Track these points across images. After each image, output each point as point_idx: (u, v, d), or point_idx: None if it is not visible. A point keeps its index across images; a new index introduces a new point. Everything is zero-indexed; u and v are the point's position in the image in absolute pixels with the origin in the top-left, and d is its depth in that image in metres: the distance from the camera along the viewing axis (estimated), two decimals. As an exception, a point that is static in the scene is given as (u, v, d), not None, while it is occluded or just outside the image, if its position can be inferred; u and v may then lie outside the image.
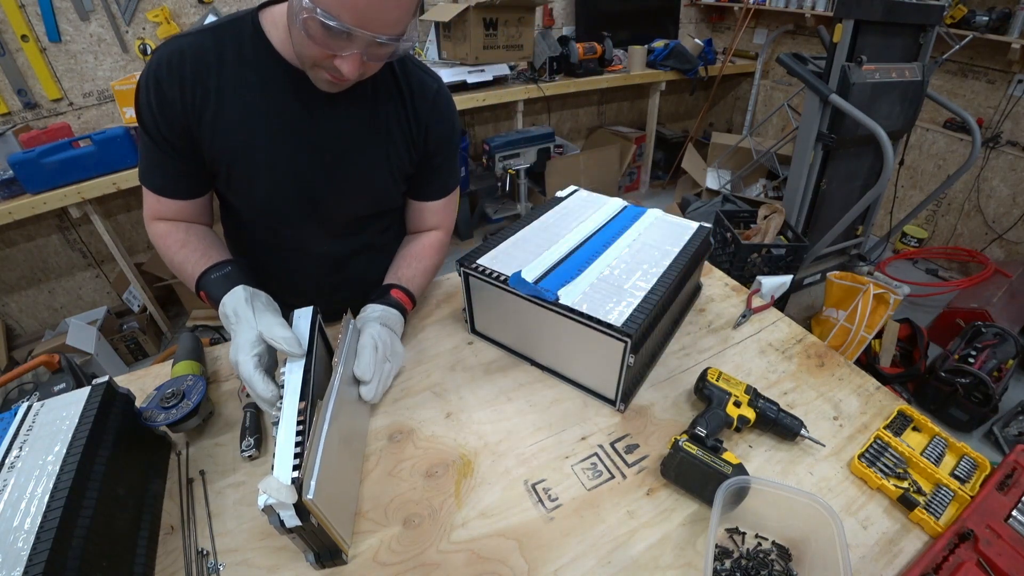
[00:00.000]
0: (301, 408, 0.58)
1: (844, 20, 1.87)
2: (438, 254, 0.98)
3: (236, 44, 0.74)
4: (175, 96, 0.72)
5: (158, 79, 0.72)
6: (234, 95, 0.74)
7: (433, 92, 0.86)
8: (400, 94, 0.83)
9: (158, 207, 0.83)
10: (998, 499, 0.61)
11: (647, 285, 0.76)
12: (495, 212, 3.21)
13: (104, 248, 2.24)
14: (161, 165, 0.79)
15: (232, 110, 0.75)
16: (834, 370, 0.85)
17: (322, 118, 0.79)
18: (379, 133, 0.83)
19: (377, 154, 0.85)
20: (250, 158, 0.78)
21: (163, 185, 0.81)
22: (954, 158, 2.76)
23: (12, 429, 0.59)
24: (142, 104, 0.74)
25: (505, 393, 0.81)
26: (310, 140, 0.80)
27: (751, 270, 2.04)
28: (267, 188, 0.82)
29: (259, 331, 0.68)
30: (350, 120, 0.81)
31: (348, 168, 0.84)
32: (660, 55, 3.20)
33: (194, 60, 0.72)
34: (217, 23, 0.76)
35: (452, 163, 0.95)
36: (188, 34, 0.74)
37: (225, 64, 0.73)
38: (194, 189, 0.83)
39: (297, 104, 0.77)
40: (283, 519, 0.49)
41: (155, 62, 0.72)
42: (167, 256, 0.84)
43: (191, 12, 2.33)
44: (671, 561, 0.59)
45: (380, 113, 0.82)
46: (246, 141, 0.77)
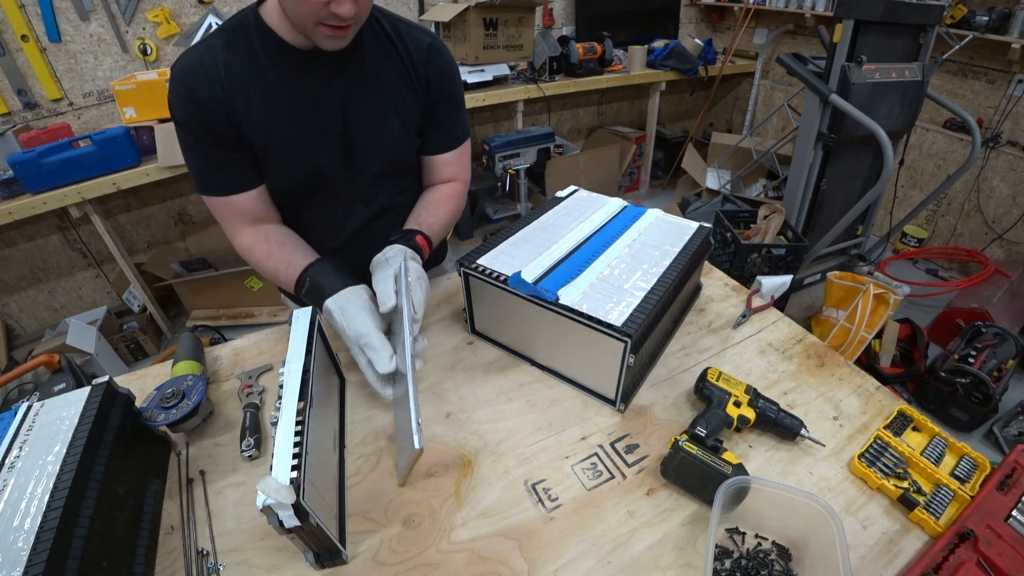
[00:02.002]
0: (300, 408, 0.58)
1: (844, 20, 1.87)
2: (455, 203, 1.00)
3: (245, 40, 0.79)
4: (208, 96, 0.77)
5: (188, 86, 0.77)
6: (255, 85, 0.79)
7: (427, 44, 0.89)
8: (396, 51, 0.87)
9: (233, 213, 0.86)
10: (998, 499, 0.61)
11: (647, 285, 0.76)
12: (495, 212, 3.21)
13: (104, 248, 2.25)
14: (221, 163, 0.83)
15: (256, 99, 0.79)
16: (834, 370, 0.85)
17: (332, 90, 0.83)
18: (384, 92, 0.87)
19: (387, 112, 0.88)
20: (279, 140, 0.83)
21: (228, 182, 0.84)
22: (954, 158, 2.76)
23: (12, 429, 0.59)
24: (183, 115, 0.79)
25: (505, 393, 0.81)
26: (324, 114, 0.84)
27: (751, 270, 2.04)
28: (297, 164, 0.86)
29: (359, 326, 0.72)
30: (357, 85, 0.85)
31: (363, 132, 0.87)
32: (660, 55, 3.20)
33: (212, 63, 0.77)
34: (222, 27, 0.81)
35: (457, 113, 0.97)
36: (198, 44, 0.80)
37: (240, 59, 0.78)
38: (255, 177, 0.86)
39: (308, 82, 0.82)
40: (282, 519, 0.49)
41: (179, 75, 0.78)
42: (258, 269, 0.89)
43: (191, 12, 2.33)
44: (671, 561, 0.59)
45: (382, 73, 0.86)
46: (273, 125, 0.81)
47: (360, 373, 0.84)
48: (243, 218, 0.87)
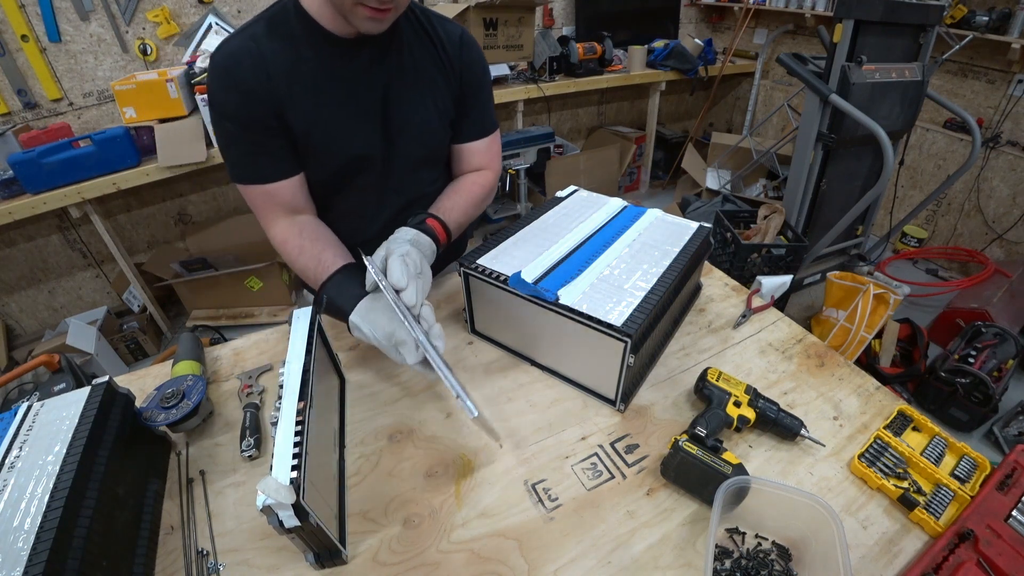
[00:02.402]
0: (300, 408, 0.58)
1: (844, 20, 1.87)
2: (481, 191, 1.00)
3: (286, 28, 0.79)
4: (251, 81, 0.77)
5: (231, 73, 0.77)
6: (297, 73, 0.80)
7: (459, 35, 0.92)
8: (431, 41, 0.89)
9: (269, 203, 0.86)
10: (998, 499, 0.61)
11: (647, 285, 0.76)
12: (495, 212, 3.20)
13: (104, 248, 2.25)
14: (262, 151, 0.83)
15: (299, 86, 0.80)
16: (834, 370, 0.85)
17: (374, 78, 0.85)
18: (422, 81, 0.89)
19: (424, 102, 0.90)
20: (322, 126, 0.83)
21: (267, 171, 0.84)
22: (954, 158, 2.76)
23: (12, 429, 0.59)
24: (224, 102, 0.78)
25: (505, 393, 0.81)
26: (365, 102, 0.85)
27: (751, 270, 2.04)
28: (337, 154, 0.87)
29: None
30: (397, 74, 0.86)
31: (402, 121, 0.89)
32: (660, 55, 3.20)
33: (257, 51, 0.77)
34: (262, 15, 0.81)
35: (487, 104, 1.00)
36: (239, 32, 0.80)
37: (283, 47, 0.79)
38: (295, 165, 0.87)
39: (350, 69, 0.83)
40: (282, 519, 0.49)
41: (221, 62, 0.77)
42: (289, 263, 0.89)
43: (191, 12, 2.33)
44: (671, 561, 0.59)
45: (419, 63, 0.88)
46: (316, 112, 0.82)
47: (360, 373, 0.85)
48: (280, 208, 0.87)
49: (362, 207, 0.97)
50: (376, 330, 0.70)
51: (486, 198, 1.02)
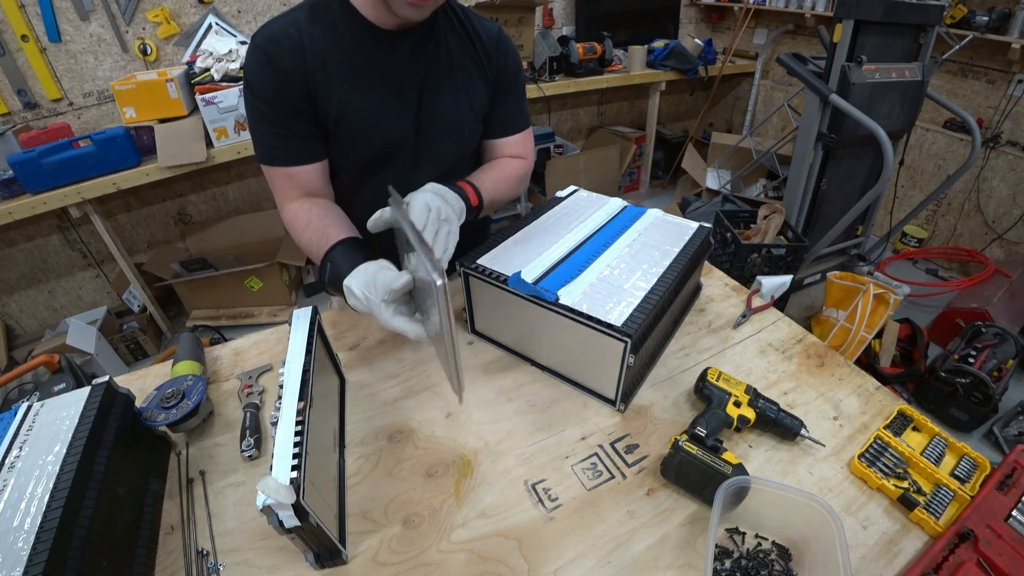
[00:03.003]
0: (300, 408, 0.58)
1: (844, 20, 1.87)
2: (516, 170, 1.00)
3: (328, 14, 0.81)
4: (289, 67, 0.78)
5: (270, 56, 0.78)
6: (337, 61, 0.81)
7: (496, 32, 0.94)
8: (469, 37, 0.91)
9: (289, 185, 0.87)
10: (998, 499, 0.61)
11: (647, 285, 0.76)
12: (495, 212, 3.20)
13: (104, 248, 2.24)
14: (290, 135, 0.83)
15: (336, 75, 0.81)
16: (834, 370, 0.85)
17: (412, 69, 0.86)
18: (458, 76, 0.90)
19: (459, 96, 0.91)
20: (355, 116, 0.84)
21: (293, 154, 0.85)
22: (954, 158, 2.76)
23: (12, 429, 0.59)
24: (257, 83, 0.80)
25: (505, 393, 0.81)
26: (402, 93, 0.86)
27: (751, 270, 2.04)
28: (368, 142, 0.88)
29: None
30: (434, 67, 0.88)
31: (436, 113, 0.90)
32: (660, 55, 3.20)
33: (297, 34, 0.79)
34: (303, 3, 0.82)
35: (521, 100, 1.01)
36: (283, 16, 0.81)
37: (324, 34, 0.80)
38: (320, 151, 0.88)
39: (389, 60, 0.84)
40: (282, 519, 0.49)
41: (261, 43, 0.78)
42: (297, 240, 0.88)
43: (191, 12, 2.33)
44: (671, 561, 0.59)
45: (456, 58, 0.89)
46: (351, 100, 0.83)
47: (360, 373, 0.85)
48: (298, 190, 0.88)
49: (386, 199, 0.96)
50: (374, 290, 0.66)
51: (520, 180, 1.01)
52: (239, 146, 2.14)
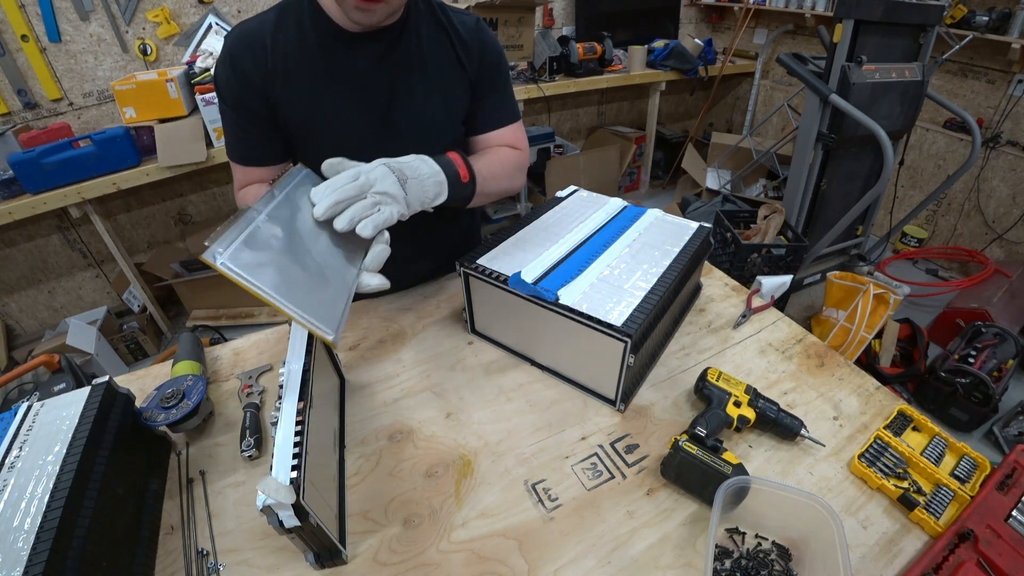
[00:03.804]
0: (300, 408, 0.58)
1: (844, 20, 1.87)
2: (511, 156, 0.94)
3: (297, 16, 0.80)
4: (250, 68, 0.79)
5: (232, 56, 0.79)
6: (301, 64, 0.80)
7: (473, 23, 0.90)
8: (445, 32, 0.88)
9: (244, 178, 0.91)
10: (998, 499, 0.61)
11: (647, 285, 0.76)
12: (495, 212, 3.21)
13: (104, 248, 2.25)
14: (244, 136, 0.86)
15: (300, 76, 0.81)
16: (834, 370, 0.85)
17: (381, 73, 0.84)
18: (432, 77, 0.87)
19: (433, 98, 0.88)
20: (319, 120, 0.84)
21: (246, 154, 0.88)
22: (954, 158, 2.76)
23: (12, 429, 0.59)
24: (221, 81, 0.82)
25: (505, 393, 0.81)
26: (368, 97, 0.85)
27: (751, 270, 2.04)
28: (335, 148, 0.85)
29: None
30: (406, 68, 0.85)
31: (407, 117, 0.88)
32: (660, 55, 3.20)
33: (261, 37, 0.79)
34: (282, 3, 0.82)
35: (506, 92, 0.97)
36: (255, 16, 0.82)
37: (289, 35, 0.80)
38: (276, 155, 0.89)
39: (356, 64, 0.82)
40: (282, 519, 0.49)
41: (228, 44, 0.80)
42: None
43: (191, 12, 2.33)
44: (671, 561, 0.59)
45: (430, 57, 0.87)
46: (314, 104, 0.83)
47: (360, 373, 0.85)
48: (255, 185, 0.90)
49: None
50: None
51: (516, 168, 0.95)
52: (239, 146, 2.13)
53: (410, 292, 1.04)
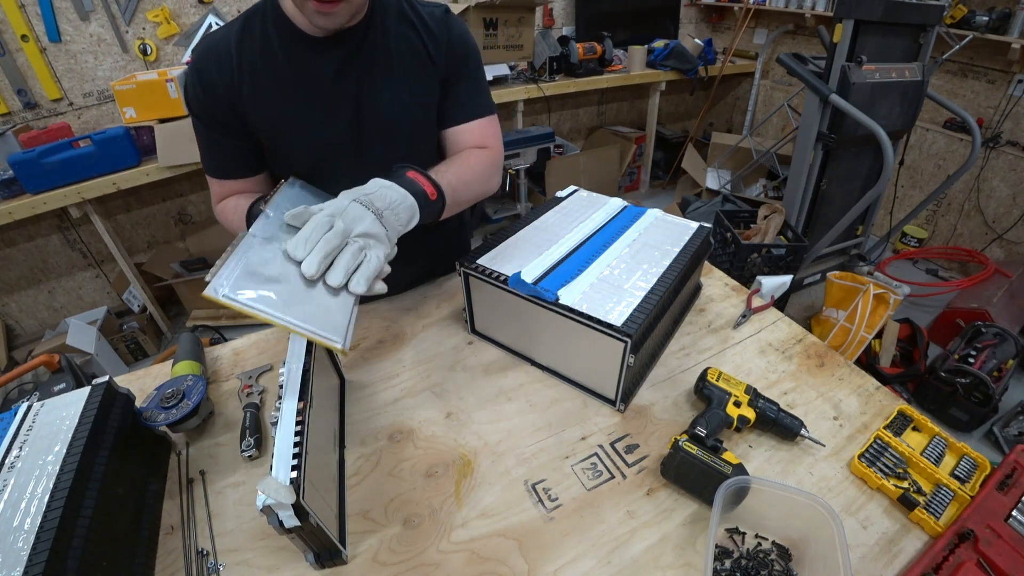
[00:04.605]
0: (300, 408, 0.58)
1: (844, 20, 1.87)
2: (480, 161, 0.89)
3: (262, 25, 0.80)
4: (215, 79, 0.79)
5: (198, 69, 0.79)
6: (266, 72, 0.80)
7: (441, 14, 0.88)
8: (412, 25, 0.86)
9: (220, 192, 0.90)
10: (998, 499, 0.61)
11: (647, 285, 0.76)
12: (495, 212, 3.20)
13: (104, 248, 2.25)
14: (216, 148, 0.86)
15: (266, 85, 0.80)
16: (834, 370, 0.85)
17: (346, 77, 0.83)
18: (399, 74, 0.85)
19: (403, 96, 0.87)
20: (288, 129, 0.83)
21: (220, 166, 0.88)
22: (954, 158, 2.76)
23: (12, 429, 0.59)
24: (190, 95, 0.81)
25: (505, 393, 0.81)
26: (339, 100, 0.84)
27: (751, 270, 2.04)
28: (307, 156, 0.87)
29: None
30: (373, 69, 0.84)
31: (377, 118, 0.86)
32: (660, 55, 3.20)
33: (226, 47, 0.79)
34: (244, 13, 0.82)
35: (477, 83, 0.93)
36: (219, 29, 0.82)
37: (254, 45, 0.79)
38: (250, 166, 0.89)
39: (320, 69, 0.81)
40: (282, 519, 0.49)
41: (194, 57, 0.81)
42: (228, 225, 0.89)
43: (191, 12, 2.33)
44: (671, 561, 0.59)
45: (396, 55, 0.85)
46: (281, 113, 0.82)
47: (360, 373, 0.85)
48: (230, 195, 0.90)
49: None
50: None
51: (487, 171, 0.90)
52: (239, 146, 2.14)
53: (410, 292, 1.04)
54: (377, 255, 0.61)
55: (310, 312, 0.56)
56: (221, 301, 0.52)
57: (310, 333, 0.55)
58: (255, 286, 0.55)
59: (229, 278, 0.54)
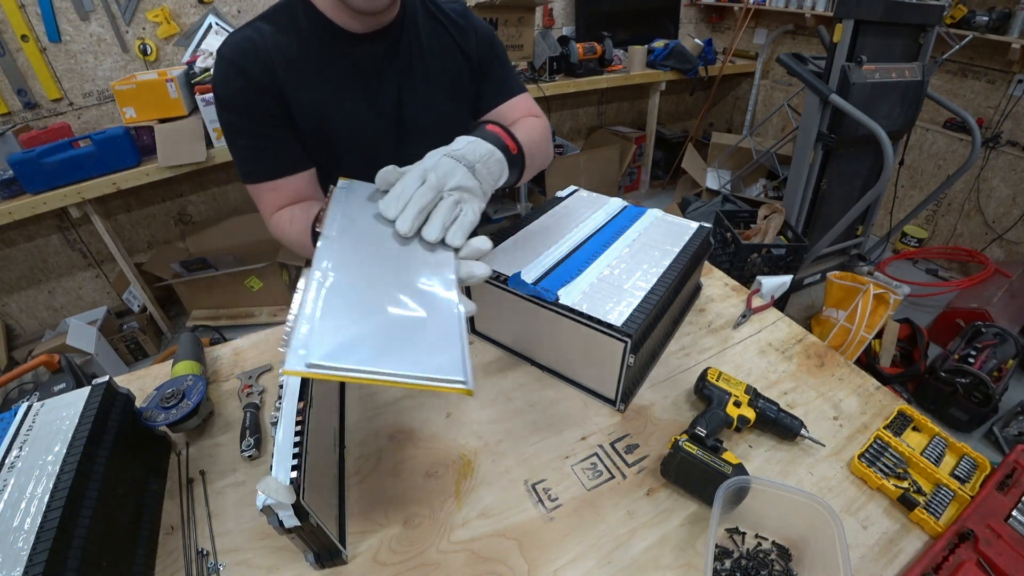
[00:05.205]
0: (300, 408, 0.58)
1: (844, 20, 1.87)
2: (539, 127, 0.89)
3: (293, 23, 0.78)
4: (254, 71, 0.75)
5: (234, 63, 0.75)
6: (307, 69, 0.78)
7: (461, 8, 0.91)
8: (440, 23, 0.88)
9: (274, 197, 0.82)
10: (998, 499, 0.61)
11: (647, 285, 0.76)
12: (495, 212, 3.20)
13: (104, 248, 2.24)
14: (264, 145, 0.80)
15: (309, 82, 0.78)
16: (834, 370, 0.85)
17: (389, 72, 0.83)
18: (435, 70, 0.87)
19: (441, 91, 0.88)
20: (334, 125, 0.82)
21: (274, 165, 0.81)
22: (954, 158, 2.76)
23: (12, 429, 0.59)
24: (229, 92, 0.76)
25: (505, 393, 0.81)
26: (383, 96, 0.84)
27: (751, 270, 2.04)
28: (351, 155, 0.85)
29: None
30: (412, 65, 0.85)
31: (417, 113, 0.87)
32: (660, 55, 3.20)
33: (262, 43, 0.75)
34: (266, 12, 0.79)
35: (508, 65, 0.97)
36: (245, 26, 0.77)
37: (290, 42, 0.77)
38: (302, 158, 0.83)
39: (364, 65, 0.81)
40: (282, 519, 0.49)
41: (227, 54, 0.75)
42: (286, 240, 0.83)
43: (191, 12, 2.33)
44: (671, 561, 0.59)
45: (429, 51, 0.86)
46: (328, 110, 0.81)
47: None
48: (285, 201, 0.83)
49: None
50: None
51: (546, 136, 0.88)
52: (239, 146, 2.13)
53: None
54: (473, 208, 0.57)
55: (416, 351, 0.45)
56: (307, 374, 0.41)
57: (426, 381, 0.43)
58: (340, 340, 0.43)
59: (308, 342, 0.42)
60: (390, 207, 0.55)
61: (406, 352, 0.44)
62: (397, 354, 0.44)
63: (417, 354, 0.44)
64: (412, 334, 0.46)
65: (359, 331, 0.45)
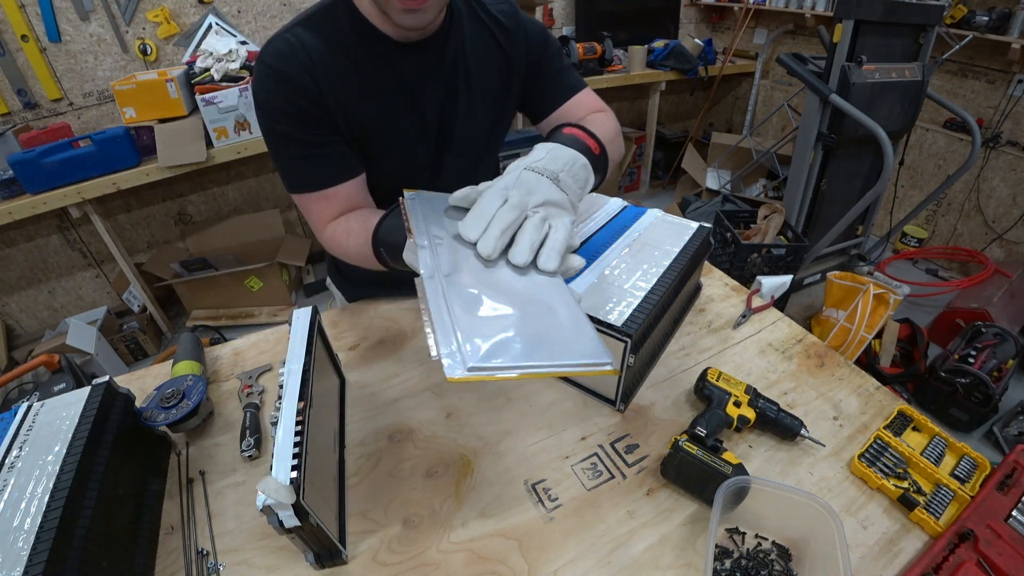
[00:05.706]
0: (300, 408, 0.58)
1: (844, 20, 1.87)
2: (609, 123, 0.86)
3: (334, 28, 0.73)
4: (304, 80, 0.71)
5: (279, 70, 0.70)
6: (351, 77, 0.74)
7: (512, 10, 0.87)
8: (485, 26, 0.84)
9: (326, 206, 0.78)
10: (998, 499, 0.61)
11: (647, 285, 0.76)
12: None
13: (104, 248, 2.25)
14: (315, 154, 0.75)
15: (353, 90, 0.74)
16: (834, 370, 0.85)
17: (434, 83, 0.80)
18: (477, 84, 0.84)
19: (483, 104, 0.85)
20: (380, 134, 0.79)
21: (327, 173, 0.76)
22: (954, 158, 2.76)
23: (12, 429, 0.59)
24: (277, 100, 0.71)
25: (505, 393, 0.81)
26: (427, 106, 0.81)
27: (751, 270, 2.04)
28: (395, 168, 0.83)
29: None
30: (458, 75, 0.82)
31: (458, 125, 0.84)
32: (660, 55, 3.20)
33: (302, 49, 0.71)
34: (303, 17, 0.75)
35: (564, 63, 0.92)
36: (283, 31, 0.73)
37: (333, 49, 0.73)
38: (356, 164, 0.79)
39: (410, 75, 0.78)
40: (282, 519, 0.49)
41: (270, 60, 0.71)
42: (343, 253, 0.78)
43: (191, 12, 2.33)
44: (671, 561, 0.59)
45: (474, 62, 0.83)
46: (375, 118, 0.77)
47: (360, 373, 0.85)
48: (338, 209, 0.78)
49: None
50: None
51: (617, 129, 0.87)
52: (239, 146, 2.14)
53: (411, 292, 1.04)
54: (563, 224, 0.53)
55: (558, 340, 0.46)
56: (465, 379, 0.42)
57: (576, 368, 0.45)
58: (488, 337, 0.44)
59: (459, 343, 0.43)
60: (470, 228, 0.52)
61: (552, 344, 0.45)
62: (545, 347, 0.45)
63: (561, 344, 0.46)
64: (548, 326, 0.47)
65: (502, 330, 0.45)
